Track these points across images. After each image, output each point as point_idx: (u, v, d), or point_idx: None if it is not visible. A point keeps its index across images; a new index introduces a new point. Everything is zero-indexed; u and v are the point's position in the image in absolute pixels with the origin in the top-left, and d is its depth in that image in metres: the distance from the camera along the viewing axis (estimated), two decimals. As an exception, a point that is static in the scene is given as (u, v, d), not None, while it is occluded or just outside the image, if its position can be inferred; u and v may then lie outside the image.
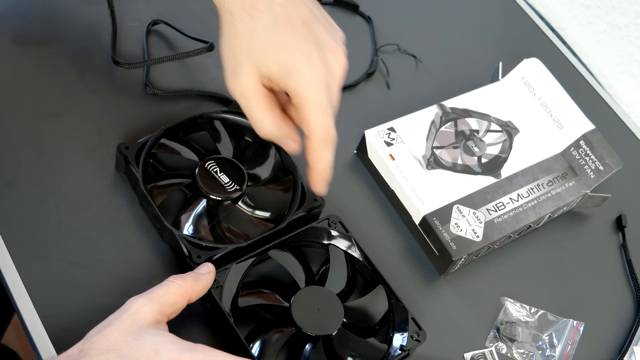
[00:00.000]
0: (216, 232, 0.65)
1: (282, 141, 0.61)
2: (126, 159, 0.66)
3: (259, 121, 0.60)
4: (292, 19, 0.59)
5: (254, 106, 0.60)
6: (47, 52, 0.74)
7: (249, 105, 0.60)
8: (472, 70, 0.89)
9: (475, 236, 0.71)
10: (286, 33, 0.58)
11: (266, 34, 0.58)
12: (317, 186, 0.62)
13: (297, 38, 0.58)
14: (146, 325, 0.52)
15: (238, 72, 0.59)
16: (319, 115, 0.58)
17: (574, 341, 0.71)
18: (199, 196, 0.65)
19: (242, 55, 0.58)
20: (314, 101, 0.58)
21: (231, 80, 0.60)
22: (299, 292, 0.62)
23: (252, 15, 0.59)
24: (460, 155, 0.77)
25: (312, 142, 0.59)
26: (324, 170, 0.61)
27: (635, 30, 0.97)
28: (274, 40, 0.58)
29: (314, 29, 0.60)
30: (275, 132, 0.60)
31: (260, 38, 0.58)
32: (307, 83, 0.58)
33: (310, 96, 0.58)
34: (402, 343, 0.63)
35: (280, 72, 0.58)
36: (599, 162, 0.78)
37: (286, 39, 0.58)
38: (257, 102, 0.59)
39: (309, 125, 0.59)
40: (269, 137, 0.61)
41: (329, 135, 0.59)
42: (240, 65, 0.59)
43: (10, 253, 0.61)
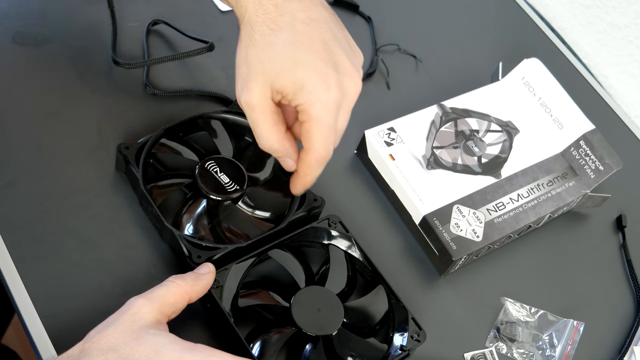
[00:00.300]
0: (216, 232, 0.65)
1: (280, 157, 0.63)
2: (126, 159, 0.66)
3: (263, 135, 0.61)
4: (313, 38, 0.59)
5: (260, 119, 0.60)
6: (47, 52, 0.74)
7: (254, 116, 0.60)
8: (472, 70, 0.89)
9: (475, 236, 0.71)
10: (305, 51, 0.58)
11: (285, 50, 0.58)
12: (297, 189, 0.64)
13: (316, 58, 0.58)
14: (146, 326, 0.52)
15: (249, 83, 0.59)
16: (323, 136, 0.59)
17: (574, 341, 0.71)
18: (199, 196, 0.65)
19: (256, 66, 0.58)
20: (321, 121, 0.59)
21: (241, 90, 0.60)
22: (299, 292, 0.62)
23: (273, 29, 0.58)
24: (460, 155, 0.77)
25: (309, 158, 0.61)
26: (310, 182, 0.63)
27: (635, 30, 0.97)
28: (292, 57, 0.58)
29: (334, 51, 0.60)
30: (276, 147, 0.61)
31: (278, 53, 0.58)
32: (318, 103, 0.58)
33: (320, 116, 0.58)
34: (402, 343, 0.63)
35: (294, 89, 0.58)
36: (599, 162, 0.78)
37: (305, 57, 0.58)
38: (263, 115, 0.60)
39: (311, 142, 0.60)
40: (270, 151, 0.62)
41: (327, 154, 0.61)
42: (252, 76, 0.59)
43: (10, 253, 0.61)
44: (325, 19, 0.61)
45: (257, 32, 0.59)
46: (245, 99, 0.59)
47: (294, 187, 0.64)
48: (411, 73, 0.88)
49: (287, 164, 0.63)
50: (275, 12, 0.59)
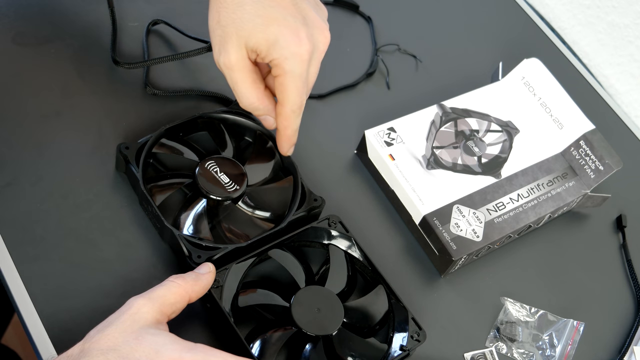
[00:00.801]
0: (216, 232, 0.65)
1: (262, 115, 0.65)
2: (126, 159, 0.66)
3: (243, 94, 0.63)
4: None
5: (239, 78, 0.62)
6: (47, 52, 0.74)
7: (234, 77, 0.62)
8: (472, 70, 0.89)
9: (475, 236, 0.71)
10: (274, 8, 0.60)
11: (255, 9, 0.60)
12: (284, 148, 0.67)
13: (285, 14, 0.60)
14: (146, 325, 0.52)
15: (225, 45, 0.61)
16: (297, 88, 0.62)
17: (574, 341, 0.71)
18: (199, 196, 0.65)
19: (229, 28, 0.60)
20: (294, 74, 0.61)
21: (218, 52, 0.62)
22: (299, 292, 0.62)
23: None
24: (460, 155, 0.77)
25: (286, 109, 0.63)
26: (293, 134, 0.66)
27: (635, 30, 0.97)
28: (262, 15, 0.60)
29: (301, 6, 0.62)
30: (257, 105, 0.64)
31: (248, 12, 0.60)
32: (292, 57, 0.60)
33: (293, 69, 0.61)
34: (402, 343, 0.63)
35: (267, 45, 0.60)
36: (599, 162, 0.78)
37: (275, 14, 0.60)
38: (242, 75, 0.62)
39: (286, 94, 0.62)
40: (250, 109, 0.64)
41: (302, 104, 0.64)
42: (227, 38, 0.61)
43: (10, 253, 0.61)
44: None
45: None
46: (224, 61, 0.61)
47: (280, 147, 0.67)
48: (411, 73, 0.88)
49: (268, 121, 0.65)
50: None
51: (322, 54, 0.64)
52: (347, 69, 0.85)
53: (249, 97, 0.63)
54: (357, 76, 0.84)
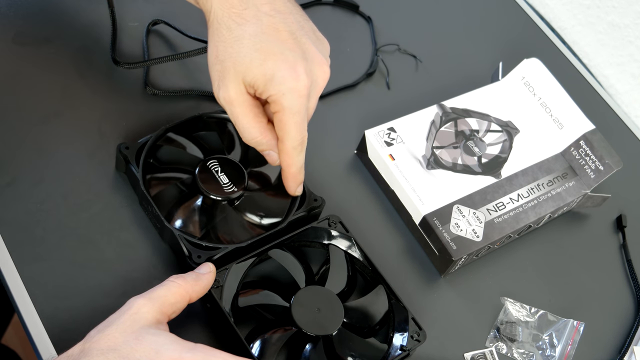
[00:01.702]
0: (216, 232, 0.65)
1: (265, 150, 0.64)
2: (126, 159, 0.66)
3: (245, 129, 0.62)
4: (279, 29, 0.60)
5: (240, 113, 0.61)
6: (47, 52, 0.74)
7: (235, 112, 0.61)
8: (472, 70, 0.89)
9: (475, 236, 0.71)
10: (272, 42, 0.59)
11: (253, 43, 0.59)
12: (292, 188, 0.66)
13: (283, 48, 0.59)
14: (147, 325, 0.52)
15: (224, 80, 0.60)
16: (297, 124, 0.61)
17: (574, 341, 0.71)
18: (196, 193, 0.65)
19: (227, 62, 0.59)
20: (293, 110, 0.60)
21: (217, 87, 0.61)
22: (299, 292, 0.62)
23: (239, 23, 0.59)
24: (460, 155, 0.77)
25: (287, 146, 0.62)
26: (298, 172, 0.65)
27: (635, 30, 0.97)
28: (259, 49, 0.59)
29: (301, 40, 0.61)
30: (260, 140, 0.62)
31: (246, 46, 0.59)
32: (289, 92, 0.59)
33: (292, 105, 0.60)
34: (402, 343, 0.63)
35: (264, 80, 0.59)
36: (599, 162, 0.78)
37: (272, 48, 0.59)
38: (242, 109, 0.61)
39: (285, 131, 0.61)
40: (253, 144, 0.63)
41: (303, 140, 0.62)
42: (226, 72, 0.60)
43: (10, 253, 0.61)
44: (290, 10, 0.62)
45: (224, 27, 0.60)
46: (223, 95, 0.60)
47: (287, 187, 0.66)
48: (411, 73, 0.88)
49: (272, 157, 0.64)
50: (240, 5, 0.60)
51: (321, 89, 0.63)
52: (347, 69, 0.85)
53: (251, 131, 0.62)
54: (357, 76, 0.84)
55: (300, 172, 0.65)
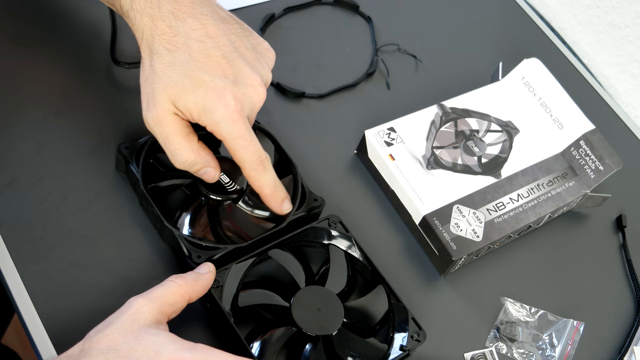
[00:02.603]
0: (217, 232, 0.65)
1: (201, 170, 0.62)
2: (126, 159, 0.66)
3: (177, 149, 0.60)
4: (210, 55, 0.59)
5: (170, 132, 0.60)
6: (47, 52, 0.74)
7: (164, 132, 0.60)
8: (472, 70, 0.89)
9: (475, 236, 0.71)
10: (202, 70, 0.59)
11: (183, 70, 0.58)
12: (276, 207, 0.64)
13: (213, 75, 0.59)
14: (146, 325, 0.52)
15: (153, 100, 0.59)
16: (244, 147, 0.60)
17: (574, 341, 0.71)
18: (199, 196, 0.65)
19: (158, 85, 0.59)
20: (233, 136, 0.59)
21: (146, 108, 0.60)
22: (299, 292, 0.62)
23: (170, 50, 0.59)
24: (460, 155, 0.77)
25: (248, 171, 0.61)
26: (274, 192, 0.63)
27: (635, 30, 0.97)
28: (190, 76, 0.58)
29: (234, 63, 0.60)
30: (193, 159, 0.61)
31: (177, 72, 0.58)
32: (222, 120, 0.59)
33: (230, 133, 0.59)
34: (402, 343, 0.63)
35: (197, 110, 0.58)
36: (599, 162, 0.78)
37: (202, 76, 0.59)
38: (172, 128, 0.60)
39: (238, 157, 0.60)
40: (187, 167, 0.61)
41: (261, 160, 0.61)
42: (156, 94, 0.59)
43: (10, 253, 0.61)
44: (223, 32, 0.61)
45: (156, 53, 0.60)
46: (152, 117, 0.59)
47: (274, 208, 0.64)
48: (411, 73, 0.88)
49: (210, 174, 0.63)
50: (170, 32, 0.60)
51: (257, 109, 0.62)
52: (347, 69, 0.85)
53: (183, 152, 0.60)
54: (357, 76, 0.84)
55: (277, 191, 0.63)
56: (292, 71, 0.82)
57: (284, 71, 0.81)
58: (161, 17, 0.60)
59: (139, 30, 0.61)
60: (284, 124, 0.77)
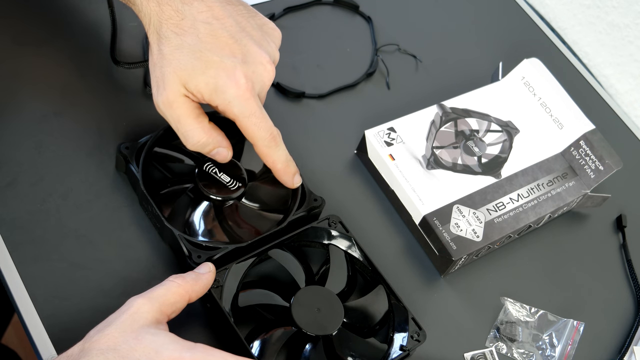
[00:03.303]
0: (226, 230, 0.65)
1: (213, 150, 0.63)
2: (126, 159, 0.66)
3: (188, 131, 0.61)
4: (218, 35, 0.60)
5: (181, 114, 0.60)
6: (47, 52, 0.74)
7: (175, 114, 0.60)
8: (472, 70, 0.89)
9: (475, 236, 0.71)
10: (212, 51, 0.59)
11: (192, 52, 0.59)
12: (288, 182, 0.66)
13: (222, 55, 0.60)
14: (146, 325, 0.52)
15: (163, 83, 0.60)
16: (256, 124, 0.61)
17: (574, 341, 0.71)
18: (203, 199, 0.65)
19: (167, 68, 0.59)
20: (245, 114, 0.60)
21: (157, 92, 0.60)
22: (299, 292, 0.62)
23: (178, 34, 0.60)
24: (460, 155, 0.77)
25: (261, 148, 0.62)
26: (286, 166, 0.64)
27: (635, 30, 0.97)
28: (200, 57, 0.59)
29: (242, 42, 0.61)
30: (205, 140, 0.62)
31: (186, 54, 0.59)
32: (233, 99, 0.59)
33: (242, 111, 0.60)
34: (402, 343, 0.63)
35: (208, 90, 0.59)
36: (599, 162, 0.78)
37: (211, 57, 0.59)
38: (183, 110, 0.60)
39: (251, 135, 0.61)
40: (200, 147, 0.62)
41: (273, 136, 0.62)
42: (166, 77, 0.59)
43: (10, 253, 0.61)
44: (229, 14, 0.62)
45: (163, 37, 0.60)
46: (162, 99, 0.60)
47: (283, 182, 0.66)
48: (411, 73, 0.88)
49: (222, 154, 0.63)
50: (177, 16, 0.60)
51: (267, 87, 0.63)
52: (347, 69, 0.85)
53: (195, 133, 0.61)
54: (357, 76, 0.84)
55: (289, 165, 0.65)
56: (292, 71, 0.82)
57: (284, 71, 0.81)
58: (167, 1, 0.60)
59: (146, 16, 0.61)
60: (284, 124, 0.77)
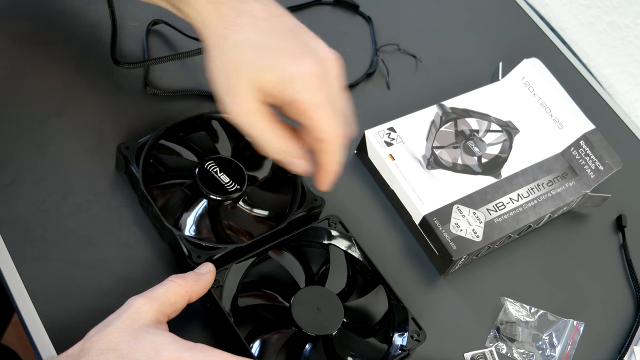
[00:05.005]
0: (218, 231, 0.65)
1: (289, 159, 0.59)
2: (126, 159, 0.66)
3: (267, 139, 0.58)
4: (277, 29, 0.58)
5: (258, 122, 0.58)
6: (47, 52, 0.74)
7: (252, 121, 0.58)
8: (472, 70, 0.89)
9: (475, 236, 0.71)
10: (274, 42, 0.57)
11: (254, 46, 0.57)
12: (325, 185, 0.60)
13: (287, 46, 0.57)
14: (146, 325, 0.52)
15: (234, 91, 0.57)
16: (329, 115, 0.57)
17: (574, 341, 0.71)
18: (200, 197, 0.65)
19: (234, 72, 0.57)
20: (315, 101, 0.57)
21: (228, 101, 0.58)
22: (299, 292, 0.62)
23: (237, 32, 0.58)
24: (460, 155, 0.77)
25: (327, 144, 0.58)
26: (336, 170, 0.60)
27: (635, 30, 0.97)
28: (263, 50, 0.57)
29: (302, 35, 0.59)
30: (284, 148, 0.58)
31: (249, 50, 0.57)
32: (304, 86, 0.56)
33: (312, 98, 0.56)
34: (402, 343, 0.63)
35: (275, 81, 0.56)
36: (599, 162, 0.78)
37: (275, 47, 0.57)
38: (259, 118, 0.57)
39: (321, 126, 0.57)
40: (278, 155, 0.59)
41: (342, 133, 0.58)
42: (235, 82, 0.57)
43: (10, 253, 0.61)
44: (284, 13, 0.60)
45: (221, 37, 0.58)
46: (236, 109, 0.57)
47: (321, 183, 0.61)
48: (411, 73, 0.88)
49: (300, 166, 0.60)
50: (233, 14, 0.58)
51: (337, 75, 0.60)
52: (347, 69, 0.84)
53: (273, 141, 0.58)
54: (357, 76, 0.84)
55: (338, 169, 0.60)
56: (292, 71, 0.82)
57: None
58: (223, 0, 0.59)
59: (200, 16, 0.59)
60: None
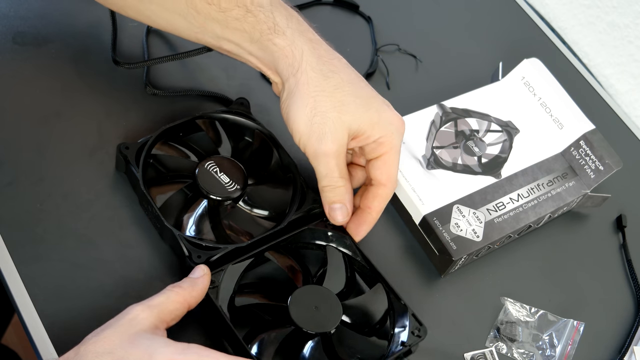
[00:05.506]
0: (218, 231, 0.65)
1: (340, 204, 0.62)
2: (126, 159, 0.66)
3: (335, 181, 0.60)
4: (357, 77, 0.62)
5: (337, 165, 0.60)
6: (47, 52, 0.74)
7: (332, 164, 0.59)
8: (472, 70, 0.89)
9: (475, 236, 0.71)
10: (364, 89, 0.60)
11: (352, 90, 0.59)
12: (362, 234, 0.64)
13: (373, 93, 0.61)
14: (143, 330, 0.52)
15: (328, 132, 0.58)
16: (396, 165, 0.61)
17: (574, 341, 0.71)
18: (200, 197, 0.65)
19: (331, 113, 0.58)
20: (397, 148, 0.61)
21: (318, 140, 0.59)
22: (297, 291, 0.62)
23: (334, 71, 0.60)
24: (460, 155, 0.77)
25: (385, 190, 0.61)
26: (377, 218, 0.64)
27: (635, 30, 0.97)
28: (360, 95, 0.59)
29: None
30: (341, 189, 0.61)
31: (348, 93, 0.59)
32: (396, 131, 0.60)
33: (398, 144, 0.60)
34: (402, 339, 0.62)
35: (371, 124, 0.59)
36: (599, 162, 0.78)
37: (367, 94, 0.60)
38: (339, 161, 0.59)
39: (389, 173, 0.61)
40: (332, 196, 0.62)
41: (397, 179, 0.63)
42: (330, 123, 0.58)
43: (10, 253, 0.61)
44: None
45: (321, 75, 0.59)
46: (325, 149, 0.59)
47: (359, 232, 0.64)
48: (411, 73, 0.88)
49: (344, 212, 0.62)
50: (328, 55, 0.61)
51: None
52: (347, 69, 0.85)
53: (340, 183, 0.60)
54: (357, 76, 0.84)
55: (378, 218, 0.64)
56: (292, 71, 0.82)
57: (284, 71, 0.81)
58: (318, 41, 0.60)
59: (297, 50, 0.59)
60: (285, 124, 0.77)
